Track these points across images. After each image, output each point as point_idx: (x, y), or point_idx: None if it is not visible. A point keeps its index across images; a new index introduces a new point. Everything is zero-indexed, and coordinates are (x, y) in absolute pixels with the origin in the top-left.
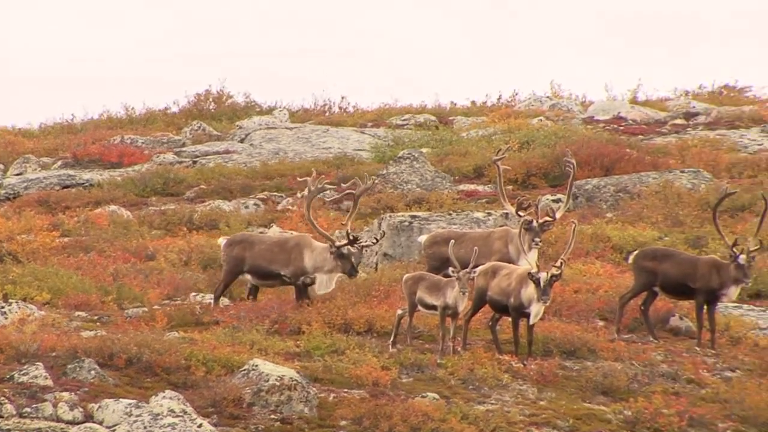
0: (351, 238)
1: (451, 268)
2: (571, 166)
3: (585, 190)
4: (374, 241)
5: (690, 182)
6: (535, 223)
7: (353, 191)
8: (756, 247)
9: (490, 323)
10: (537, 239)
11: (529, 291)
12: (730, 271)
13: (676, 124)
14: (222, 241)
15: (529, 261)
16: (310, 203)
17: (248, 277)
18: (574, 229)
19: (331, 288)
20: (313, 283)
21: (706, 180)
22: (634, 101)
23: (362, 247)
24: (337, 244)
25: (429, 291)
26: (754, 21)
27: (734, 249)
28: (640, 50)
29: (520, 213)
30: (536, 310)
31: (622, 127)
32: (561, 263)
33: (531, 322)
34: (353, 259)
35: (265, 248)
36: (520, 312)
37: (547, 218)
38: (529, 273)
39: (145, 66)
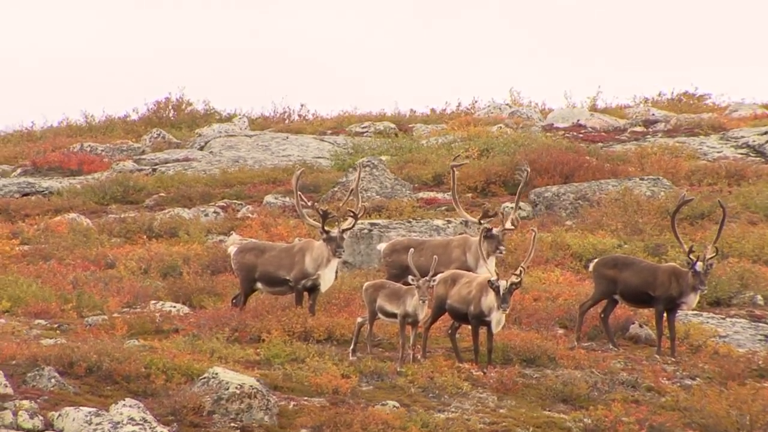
0: (321, 212)
1: (410, 276)
2: (524, 174)
3: (544, 197)
4: (352, 215)
5: (649, 190)
6: (495, 231)
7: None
8: (713, 255)
9: (450, 331)
10: (501, 247)
11: (489, 299)
12: (688, 278)
13: (635, 132)
14: (232, 249)
15: (488, 269)
16: (297, 195)
17: (259, 285)
18: (534, 237)
19: (333, 279)
20: (315, 285)
21: (666, 188)
22: (593, 109)
23: (344, 229)
24: (327, 228)
25: (389, 299)
26: (713, 29)
27: (690, 256)
28: (600, 58)
29: (482, 221)
30: (497, 318)
31: (581, 135)
32: (521, 271)
33: (494, 331)
34: (338, 240)
35: (275, 254)
36: (481, 320)
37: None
38: (489, 281)
39: (104, 72)
